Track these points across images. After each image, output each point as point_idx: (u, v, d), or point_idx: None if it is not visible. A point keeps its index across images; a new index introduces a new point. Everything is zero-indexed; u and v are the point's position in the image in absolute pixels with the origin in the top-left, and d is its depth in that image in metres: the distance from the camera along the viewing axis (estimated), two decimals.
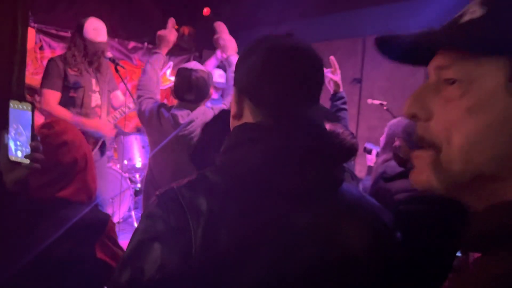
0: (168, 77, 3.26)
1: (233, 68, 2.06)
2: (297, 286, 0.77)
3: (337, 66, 2.24)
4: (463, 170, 0.49)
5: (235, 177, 0.81)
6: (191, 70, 2.14)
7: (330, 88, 2.44)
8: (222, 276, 0.74)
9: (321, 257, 0.78)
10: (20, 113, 1.13)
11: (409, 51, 0.58)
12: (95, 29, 3.03)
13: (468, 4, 0.55)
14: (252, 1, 5.75)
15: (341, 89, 2.37)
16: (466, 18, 0.50)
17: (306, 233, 0.79)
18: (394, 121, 2.21)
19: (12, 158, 1.14)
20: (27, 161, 1.12)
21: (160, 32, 2.45)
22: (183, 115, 2.08)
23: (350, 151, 2.42)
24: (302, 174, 0.80)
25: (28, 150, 1.12)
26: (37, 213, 1.27)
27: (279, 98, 0.84)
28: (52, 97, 2.98)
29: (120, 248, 1.39)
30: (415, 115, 0.54)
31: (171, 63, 3.33)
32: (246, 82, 0.87)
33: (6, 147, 1.13)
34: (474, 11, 0.50)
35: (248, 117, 0.87)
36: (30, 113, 1.12)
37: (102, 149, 3.22)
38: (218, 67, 3.59)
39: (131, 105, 3.16)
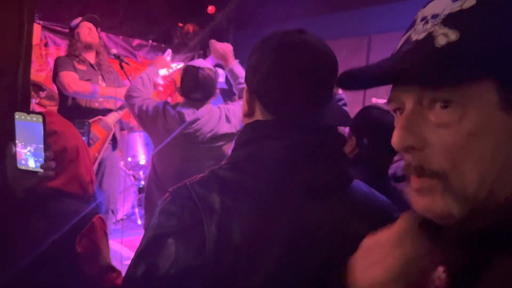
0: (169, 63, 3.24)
1: (239, 75, 2.04)
2: (309, 281, 0.78)
3: None
4: (479, 191, 0.47)
5: (247, 173, 0.81)
6: (198, 68, 2.13)
7: None
8: (236, 271, 0.74)
9: (333, 252, 0.78)
10: (29, 125, 1.15)
11: (378, 81, 0.54)
12: (91, 30, 3.11)
13: (420, 20, 0.53)
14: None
15: (340, 91, 2.36)
16: (442, 42, 0.48)
17: (317, 228, 0.79)
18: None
19: (22, 167, 1.17)
20: (40, 170, 1.16)
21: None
22: (189, 113, 2.07)
23: None
24: (313, 170, 0.81)
25: (41, 160, 1.16)
26: (29, 203, 1.27)
27: (290, 97, 0.83)
28: (71, 76, 3.00)
29: (99, 249, 1.36)
30: (411, 147, 0.51)
31: (169, 50, 3.31)
32: (256, 82, 0.86)
33: (14, 158, 1.16)
34: (446, 34, 0.48)
35: (259, 115, 0.87)
36: (41, 124, 1.15)
37: (114, 143, 3.21)
38: (216, 65, 3.60)
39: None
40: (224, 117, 2.14)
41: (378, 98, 4.02)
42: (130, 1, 5.71)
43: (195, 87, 2.11)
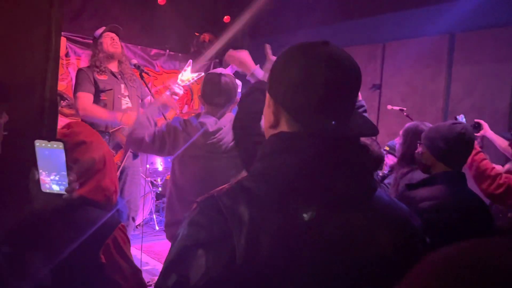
0: (191, 77, 3.29)
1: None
2: None
3: None
4: None
5: (272, 185, 0.82)
6: (220, 74, 2.18)
7: None
8: (265, 283, 0.76)
9: (358, 262, 0.80)
10: (51, 152, 1.21)
11: None
12: (113, 40, 3.20)
13: None
14: (272, 8, 5.79)
15: (360, 98, 2.38)
16: None
17: (342, 239, 0.80)
18: (410, 126, 2.18)
19: (47, 191, 1.22)
20: (65, 192, 1.22)
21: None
22: (211, 123, 2.11)
23: (377, 161, 2.43)
24: (338, 182, 0.82)
25: (65, 183, 1.21)
26: (53, 210, 1.31)
27: (315, 109, 0.84)
28: (87, 98, 3.10)
29: (124, 256, 1.39)
30: None
31: (191, 61, 3.37)
32: (283, 93, 0.87)
33: (38, 182, 1.22)
34: None
35: (284, 126, 0.88)
36: (62, 150, 1.20)
37: (135, 152, 3.28)
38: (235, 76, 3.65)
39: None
40: None
41: (394, 105, 4.02)
42: (147, 12, 5.83)
43: (217, 92, 2.15)
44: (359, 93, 2.41)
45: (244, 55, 2.15)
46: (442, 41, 4.59)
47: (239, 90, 3.82)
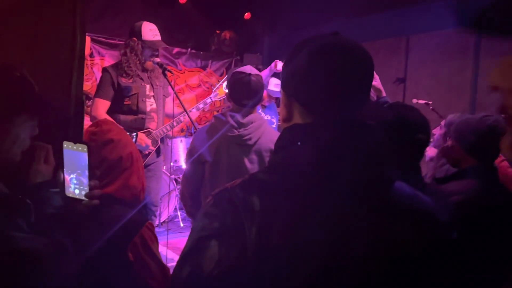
0: (225, 89, 3.32)
1: None
2: (350, 282, 0.78)
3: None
4: None
5: (286, 176, 0.83)
6: (249, 74, 2.13)
7: (373, 94, 2.40)
8: (277, 272, 0.76)
9: (374, 254, 0.79)
10: (75, 154, 1.20)
11: None
12: (151, 30, 3.17)
13: None
14: (294, 3, 5.76)
15: (383, 94, 2.33)
16: None
17: (358, 230, 0.79)
18: (453, 117, 2.09)
19: (69, 194, 1.22)
20: (85, 198, 1.20)
21: None
22: (241, 116, 2.12)
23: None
24: (352, 172, 0.81)
25: (86, 189, 1.20)
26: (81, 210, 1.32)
27: (327, 99, 0.84)
28: (102, 105, 3.11)
29: (151, 254, 1.39)
30: None
31: (226, 76, 3.39)
32: (294, 85, 0.88)
33: (63, 185, 1.21)
34: None
35: (297, 119, 0.89)
36: (85, 154, 1.18)
37: (158, 149, 3.30)
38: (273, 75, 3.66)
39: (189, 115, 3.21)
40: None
41: (419, 99, 3.94)
42: (169, 11, 5.87)
43: (247, 94, 2.12)
44: (382, 89, 2.38)
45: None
46: (468, 33, 4.48)
47: (277, 89, 3.83)
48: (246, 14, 6.44)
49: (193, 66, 6.46)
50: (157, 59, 3.12)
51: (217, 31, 6.61)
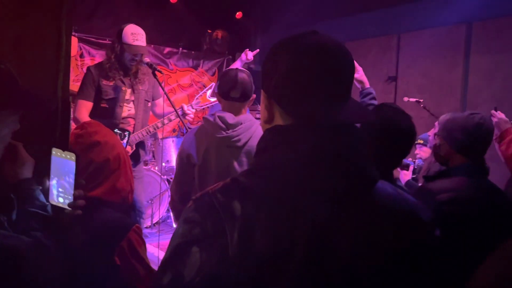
0: (208, 98, 3.30)
1: None
2: (334, 286, 0.77)
3: (356, 64, 2.19)
4: None
5: (267, 180, 0.81)
6: (236, 69, 2.18)
7: (358, 85, 2.44)
8: (260, 277, 0.75)
9: (358, 257, 0.78)
10: (63, 162, 1.18)
11: None
12: (133, 34, 3.10)
13: None
14: (284, 1, 5.76)
15: (367, 85, 2.34)
16: None
17: (341, 234, 0.78)
18: (442, 117, 2.11)
19: (53, 202, 1.20)
20: (68, 208, 1.18)
21: None
22: (230, 117, 2.11)
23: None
24: (334, 174, 0.80)
25: (71, 198, 1.18)
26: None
27: (307, 100, 0.82)
28: (84, 107, 3.08)
29: (138, 258, 1.38)
30: None
31: (213, 84, 3.36)
32: (273, 87, 0.86)
33: (47, 192, 1.20)
34: None
35: (278, 120, 0.87)
36: (73, 163, 1.17)
37: (135, 155, 3.24)
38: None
39: (172, 117, 3.17)
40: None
41: (410, 97, 3.96)
42: (160, 10, 5.85)
43: (234, 86, 2.14)
44: (365, 81, 2.39)
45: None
46: (459, 30, 4.50)
47: None
48: (237, 13, 6.44)
49: (184, 65, 6.45)
50: (147, 59, 3.09)
51: (209, 31, 6.59)
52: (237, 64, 3.08)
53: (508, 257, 0.46)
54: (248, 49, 3.21)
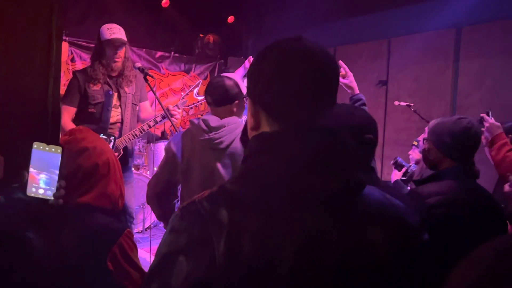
0: (195, 96, 3.30)
1: None
2: None
3: (347, 69, 2.20)
4: None
5: (254, 187, 0.81)
6: (216, 76, 2.27)
7: (347, 90, 2.45)
8: (247, 285, 0.75)
9: (345, 262, 0.78)
10: (47, 155, 1.18)
11: None
12: (109, 29, 3.08)
13: None
14: (276, 6, 5.78)
15: (356, 91, 2.36)
16: None
17: (328, 239, 0.78)
18: (432, 122, 2.14)
19: (31, 194, 1.19)
20: (51, 198, 1.18)
21: None
22: (213, 120, 2.15)
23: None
24: (322, 180, 0.80)
25: (54, 189, 1.18)
26: (59, 218, 1.30)
27: (292, 106, 0.83)
28: (66, 112, 3.05)
29: (131, 262, 1.38)
30: None
31: (200, 81, 3.36)
32: (259, 93, 0.86)
33: (25, 185, 1.19)
34: None
35: (265, 127, 0.87)
36: (59, 155, 1.18)
37: (123, 159, 3.20)
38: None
39: (158, 119, 3.15)
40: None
41: (401, 101, 3.99)
42: (152, 15, 5.85)
43: (207, 90, 2.25)
44: (355, 87, 2.40)
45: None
46: (448, 35, 4.54)
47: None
48: (229, 17, 6.45)
49: (176, 70, 6.44)
50: (138, 64, 3.08)
51: (201, 35, 6.59)
52: (240, 71, 3.12)
53: (480, 266, 0.46)
54: (251, 57, 3.25)
